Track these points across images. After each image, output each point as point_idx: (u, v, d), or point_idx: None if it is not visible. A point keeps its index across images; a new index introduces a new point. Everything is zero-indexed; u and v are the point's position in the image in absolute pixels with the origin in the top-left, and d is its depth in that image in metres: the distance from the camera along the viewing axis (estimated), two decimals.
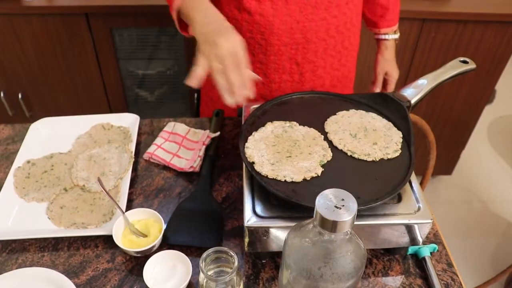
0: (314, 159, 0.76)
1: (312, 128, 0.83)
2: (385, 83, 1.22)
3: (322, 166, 0.75)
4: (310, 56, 1.02)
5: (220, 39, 0.72)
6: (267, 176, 0.73)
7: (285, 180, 0.72)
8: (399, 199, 0.74)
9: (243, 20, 0.97)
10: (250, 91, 0.74)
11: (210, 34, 0.73)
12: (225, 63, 0.71)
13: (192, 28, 0.78)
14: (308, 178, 0.73)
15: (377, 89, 1.23)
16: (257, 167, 0.75)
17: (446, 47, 1.67)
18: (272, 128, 0.83)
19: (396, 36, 1.17)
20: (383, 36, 1.16)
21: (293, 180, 0.72)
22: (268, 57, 1.01)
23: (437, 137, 0.99)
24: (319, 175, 0.73)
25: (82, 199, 0.88)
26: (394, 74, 1.20)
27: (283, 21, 0.95)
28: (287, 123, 0.84)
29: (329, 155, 0.77)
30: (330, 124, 0.85)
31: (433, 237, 0.83)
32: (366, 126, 0.85)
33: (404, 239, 0.74)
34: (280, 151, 0.78)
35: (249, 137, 0.81)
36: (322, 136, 0.81)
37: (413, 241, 0.74)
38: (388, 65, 1.19)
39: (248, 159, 0.77)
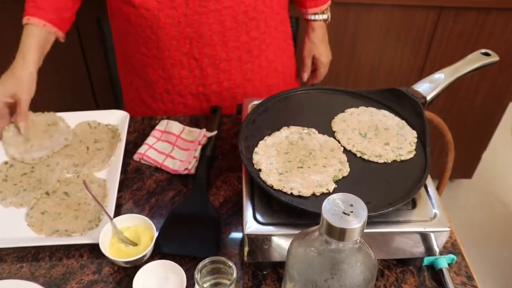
0: (328, 173, 0.75)
1: (332, 138, 0.82)
2: (314, 68, 1.22)
3: (336, 182, 0.74)
4: (208, 50, 1.01)
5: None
6: (272, 186, 0.73)
7: (291, 193, 0.72)
8: (414, 205, 0.74)
9: (131, 13, 0.97)
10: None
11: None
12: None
13: None
14: (318, 194, 0.72)
15: (305, 75, 1.22)
16: (263, 176, 0.75)
17: (466, 37, 1.67)
18: (287, 134, 0.83)
19: (325, 16, 1.15)
20: (310, 17, 1.15)
21: (301, 194, 0.72)
22: (162, 52, 1.01)
23: (456, 136, 0.99)
24: (331, 192, 0.72)
25: (65, 204, 0.88)
26: (322, 58, 1.19)
27: (169, 15, 0.95)
28: (305, 129, 0.84)
29: (345, 170, 0.76)
30: (338, 122, 0.86)
31: (451, 247, 0.83)
32: (377, 124, 0.85)
33: (419, 249, 0.74)
34: (292, 160, 0.78)
35: (260, 142, 0.81)
36: (342, 148, 0.81)
37: (429, 251, 0.74)
38: (315, 48, 1.18)
39: (255, 166, 0.77)
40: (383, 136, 0.83)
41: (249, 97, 0.96)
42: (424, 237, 0.72)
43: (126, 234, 0.81)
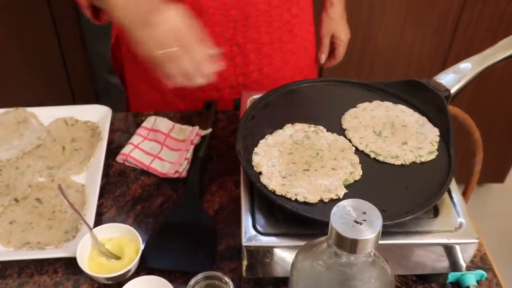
0: (338, 176, 0.76)
1: (342, 137, 0.83)
2: (332, 48, 1.24)
3: (347, 186, 0.75)
4: (252, 33, 1.03)
5: (153, 17, 0.72)
6: (274, 191, 0.73)
7: (296, 200, 0.72)
8: (436, 213, 0.75)
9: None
10: (214, 67, 0.77)
11: (139, 16, 0.74)
12: (168, 46, 0.73)
13: (113, 13, 0.79)
14: (326, 200, 0.72)
15: (324, 56, 1.24)
16: (264, 179, 0.75)
17: (497, 21, 1.67)
18: (291, 132, 0.83)
19: None
20: None
21: (307, 200, 0.72)
22: None
23: (484, 135, 0.99)
24: (341, 198, 0.73)
25: (38, 212, 0.89)
26: (342, 36, 1.21)
27: None
28: (312, 127, 0.84)
29: (357, 173, 0.77)
30: (349, 119, 0.86)
31: (479, 261, 0.83)
32: (394, 121, 0.85)
33: (443, 264, 0.74)
34: (297, 161, 0.78)
35: (261, 141, 0.82)
36: (353, 148, 0.81)
37: (454, 266, 0.74)
38: (334, 24, 1.20)
39: (255, 168, 0.77)
40: (401, 134, 0.83)
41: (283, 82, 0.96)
42: (448, 250, 0.72)
43: (108, 247, 0.81)
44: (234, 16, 0.99)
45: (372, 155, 0.80)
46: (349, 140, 0.82)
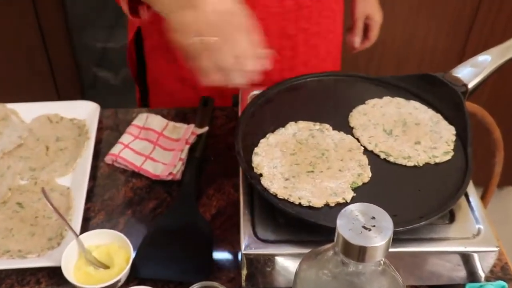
0: (345, 178, 0.76)
1: (349, 136, 0.83)
2: (366, 30, 1.26)
3: (355, 189, 0.75)
4: (303, 23, 1.05)
5: None
6: (276, 195, 0.74)
7: (299, 204, 0.73)
8: (452, 218, 0.75)
9: None
10: (260, 65, 0.73)
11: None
12: (207, 33, 0.69)
13: (154, 2, 0.77)
14: (332, 204, 0.73)
15: (358, 39, 1.25)
16: (265, 182, 0.75)
17: None
18: (294, 130, 0.84)
19: None
20: None
21: (311, 204, 0.72)
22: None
23: (505, 133, 0.99)
24: (348, 201, 0.73)
25: (19, 217, 0.89)
26: (376, 17, 1.24)
27: None
28: (317, 125, 0.85)
29: (366, 175, 0.77)
30: (357, 116, 0.86)
31: (500, 272, 0.83)
32: (406, 119, 0.86)
33: (459, 274, 0.74)
34: (300, 162, 0.78)
35: (262, 140, 0.82)
36: (362, 148, 0.81)
37: (472, 276, 0.74)
38: (368, 6, 1.23)
39: (255, 170, 0.77)
40: (413, 133, 0.83)
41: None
42: (466, 258, 0.72)
43: (96, 255, 0.81)
44: (289, 6, 1.01)
45: (382, 156, 0.80)
46: (357, 140, 0.83)
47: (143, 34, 1.17)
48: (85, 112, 1.05)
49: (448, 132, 0.84)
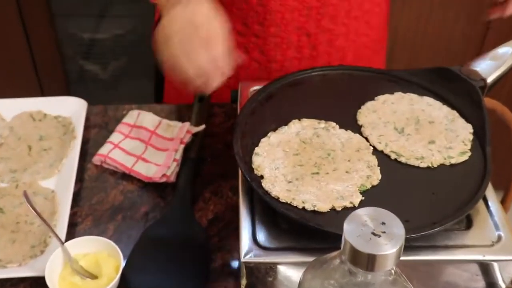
0: (353, 181, 0.76)
1: (357, 135, 0.84)
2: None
3: (363, 193, 0.75)
4: (327, 23, 1.04)
5: None
6: (278, 198, 0.74)
7: (303, 208, 0.73)
8: (469, 224, 0.75)
9: None
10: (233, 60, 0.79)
11: None
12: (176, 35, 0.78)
13: None
14: (339, 208, 0.73)
15: (509, 11, 1.23)
16: (266, 184, 0.76)
17: None
18: (298, 129, 0.84)
19: None
20: None
21: (316, 208, 0.72)
22: (267, 29, 1.04)
23: None
24: (356, 206, 0.73)
25: None
26: None
27: None
28: (322, 124, 0.85)
29: (376, 177, 0.77)
30: (366, 113, 0.86)
31: None
32: (419, 116, 0.86)
33: (477, 284, 0.74)
34: (304, 164, 0.79)
35: (263, 140, 0.82)
36: (371, 148, 0.82)
37: (492, 287, 0.74)
38: None
39: (256, 172, 0.78)
40: (427, 131, 0.84)
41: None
42: (484, 268, 0.72)
43: (83, 264, 0.81)
44: (310, 2, 1.01)
45: (393, 156, 0.80)
46: (366, 139, 0.83)
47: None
48: (71, 108, 1.06)
49: (465, 130, 0.84)
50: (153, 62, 1.22)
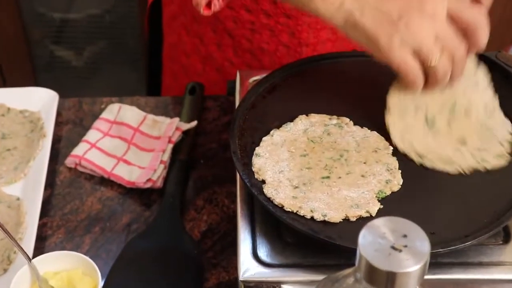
0: (370, 186, 0.76)
1: (374, 132, 0.83)
2: None
3: (381, 200, 0.75)
4: None
5: None
6: (282, 206, 0.74)
7: (312, 218, 0.73)
8: (507, 237, 0.75)
9: None
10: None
11: None
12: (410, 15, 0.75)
13: None
14: (353, 219, 0.73)
15: None
16: (268, 190, 0.76)
17: None
18: (306, 126, 0.84)
19: None
20: None
21: (326, 218, 0.73)
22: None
23: None
24: (373, 215, 0.73)
25: None
26: None
27: None
28: (334, 119, 0.85)
29: (396, 182, 0.77)
30: (398, 94, 0.83)
31: None
32: (457, 101, 0.83)
33: None
34: (313, 166, 0.79)
35: (264, 138, 0.83)
36: (390, 148, 0.81)
37: None
38: None
39: (257, 175, 0.78)
40: (459, 126, 0.83)
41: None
42: None
43: (53, 283, 0.82)
44: None
45: (417, 158, 0.80)
46: (385, 137, 0.82)
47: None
48: (39, 102, 1.06)
49: (503, 128, 0.83)
50: (141, 47, 1.22)
